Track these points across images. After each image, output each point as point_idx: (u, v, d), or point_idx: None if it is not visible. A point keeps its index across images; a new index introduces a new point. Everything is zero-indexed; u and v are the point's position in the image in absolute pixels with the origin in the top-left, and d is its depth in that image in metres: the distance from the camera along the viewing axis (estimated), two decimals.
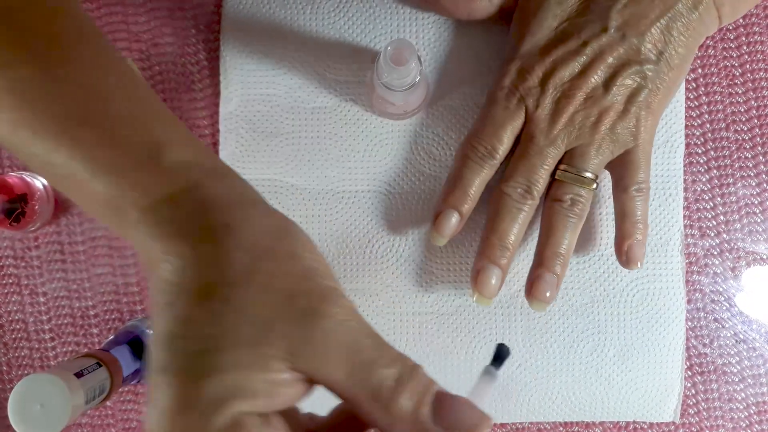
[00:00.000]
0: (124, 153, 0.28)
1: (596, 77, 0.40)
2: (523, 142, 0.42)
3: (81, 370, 0.36)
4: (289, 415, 0.28)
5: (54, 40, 0.29)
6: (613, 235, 0.45)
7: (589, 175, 0.42)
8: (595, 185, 0.42)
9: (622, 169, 0.43)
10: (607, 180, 0.45)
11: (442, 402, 0.27)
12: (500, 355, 0.32)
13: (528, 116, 0.42)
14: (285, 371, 0.26)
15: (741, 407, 0.47)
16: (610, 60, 0.40)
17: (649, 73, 0.40)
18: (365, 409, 0.27)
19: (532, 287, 0.42)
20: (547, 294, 0.42)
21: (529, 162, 0.42)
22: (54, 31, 0.29)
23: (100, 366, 0.37)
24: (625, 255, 0.43)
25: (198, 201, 0.28)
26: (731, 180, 0.47)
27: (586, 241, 0.46)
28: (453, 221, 0.43)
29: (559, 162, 0.42)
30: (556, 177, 0.42)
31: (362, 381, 0.26)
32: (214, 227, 0.27)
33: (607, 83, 0.40)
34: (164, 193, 0.27)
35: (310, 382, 0.27)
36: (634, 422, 0.47)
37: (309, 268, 0.28)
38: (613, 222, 0.45)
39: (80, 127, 0.28)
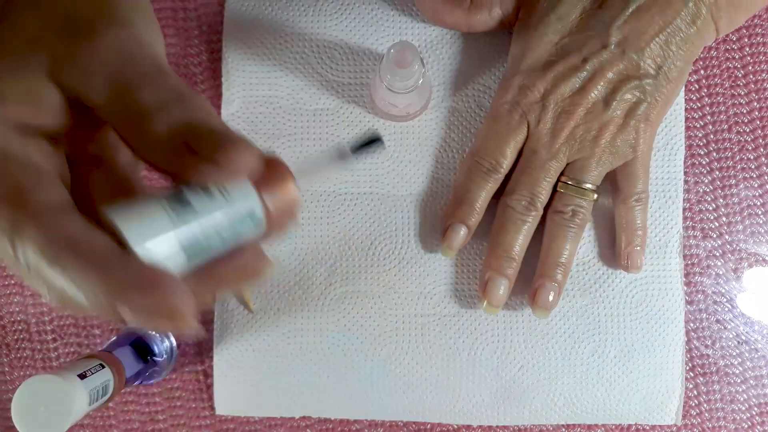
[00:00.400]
0: None
1: (596, 92, 0.41)
2: (525, 156, 0.43)
3: (84, 371, 0.36)
4: (108, 160, 0.27)
5: None
6: (612, 236, 0.46)
7: (589, 186, 0.43)
8: (595, 196, 0.43)
9: (621, 180, 0.44)
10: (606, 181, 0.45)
11: (213, 134, 0.24)
12: (369, 143, 0.27)
13: (530, 131, 0.42)
14: (43, 79, 0.25)
15: (743, 408, 0.47)
16: (610, 75, 0.41)
17: (648, 87, 0.41)
18: (124, 133, 0.25)
19: (535, 296, 0.44)
20: (550, 302, 0.44)
21: (532, 176, 0.43)
22: None
23: (104, 367, 0.37)
24: (625, 261, 0.45)
25: None
26: (733, 181, 0.47)
27: (585, 243, 0.46)
28: (461, 234, 0.44)
29: (561, 173, 0.43)
30: (558, 189, 0.43)
31: (121, 101, 0.24)
32: None
33: (607, 98, 0.41)
34: None
35: (79, 107, 0.25)
36: (636, 424, 0.47)
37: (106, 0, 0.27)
38: (612, 223, 0.45)
39: None
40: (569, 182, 0.43)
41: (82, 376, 0.35)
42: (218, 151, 0.23)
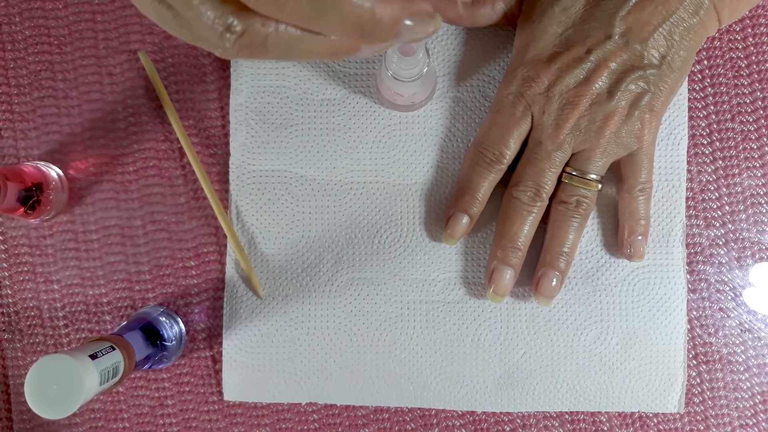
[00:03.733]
0: None
1: (600, 83, 0.41)
2: (530, 146, 0.43)
3: (95, 352, 0.37)
4: None
5: None
6: (615, 224, 0.46)
7: (593, 176, 0.43)
8: (599, 186, 0.44)
9: (625, 170, 0.44)
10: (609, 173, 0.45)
11: None
12: None
13: (534, 122, 0.43)
14: None
15: (746, 396, 0.47)
16: (613, 66, 0.41)
17: (652, 78, 0.41)
18: None
19: (538, 284, 0.45)
20: (552, 290, 0.45)
21: (537, 166, 0.43)
22: None
23: (114, 349, 0.38)
24: (628, 250, 0.45)
25: None
26: (737, 171, 0.47)
27: (588, 232, 0.47)
28: (463, 223, 0.45)
29: (565, 164, 0.43)
30: (563, 180, 0.44)
31: None
32: None
33: (611, 89, 0.41)
34: None
35: None
36: (639, 411, 0.47)
37: None
38: (615, 212, 0.46)
39: None
40: (574, 173, 0.43)
41: (93, 357, 0.36)
42: None
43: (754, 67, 0.47)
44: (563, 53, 0.42)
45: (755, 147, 0.47)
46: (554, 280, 0.44)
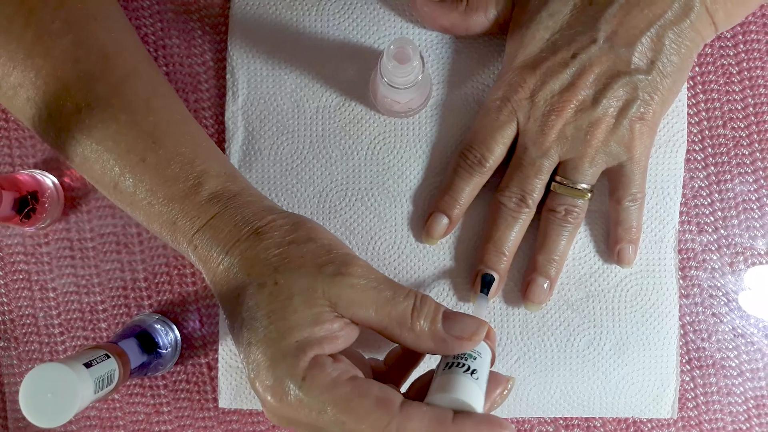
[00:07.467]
0: (174, 186, 0.38)
1: (585, 89, 0.41)
2: (517, 153, 0.43)
3: (90, 361, 0.37)
4: (354, 356, 0.38)
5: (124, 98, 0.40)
6: (608, 230, 0.46)
7: (583, 186, 0.43)
8: (589, 195, 0.43)
9: (616, 181, 0.44)
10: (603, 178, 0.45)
11: (450, 317, 0.37)
12: (485, 282, 0.44)
13: (520, 128, 0.43)
14: (334, 320, 0.36)
15: (740, 401, 0.47)
16: (598, 71, 0.40)
17: (641, 84, 0.40)
18: (395, 335, 0.36)
19: (526, 290, 0.45)
20: (541, 296, 0.45)
21: (523, 173, 0.43)
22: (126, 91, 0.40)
23: (109, 357, 0.38)
24: (617, 256, 0.45)
25: (230, 221, 0.38)
26: (728, 177, 0.47)
27: (582, 237, 0.47)
28: (442, 224, 0.45)
29: (556, 172, 0.43)
30: (552, 189, 0.44)
31: (388, 314, 0.36)
32: (247, 236, 0.37)
33: (597, 95, 0.41)
34: (203, 221, 0.38)
35: (355, 324, 0.36)
36: (633, 417, 0.47)
37: (325, 245, 0.38)
38: (608, 218, 0.46)
39: (139, 164, 0.39)
40: (563, 182, 0.43)
41: (88, 365, 0.36)
42: (472, 332, 0.36)
43: (746, 73, 0.47)
44: (549, 58, 0.41)
45: (747, 153, 0.47)
46: (544, 285, 0.44)
